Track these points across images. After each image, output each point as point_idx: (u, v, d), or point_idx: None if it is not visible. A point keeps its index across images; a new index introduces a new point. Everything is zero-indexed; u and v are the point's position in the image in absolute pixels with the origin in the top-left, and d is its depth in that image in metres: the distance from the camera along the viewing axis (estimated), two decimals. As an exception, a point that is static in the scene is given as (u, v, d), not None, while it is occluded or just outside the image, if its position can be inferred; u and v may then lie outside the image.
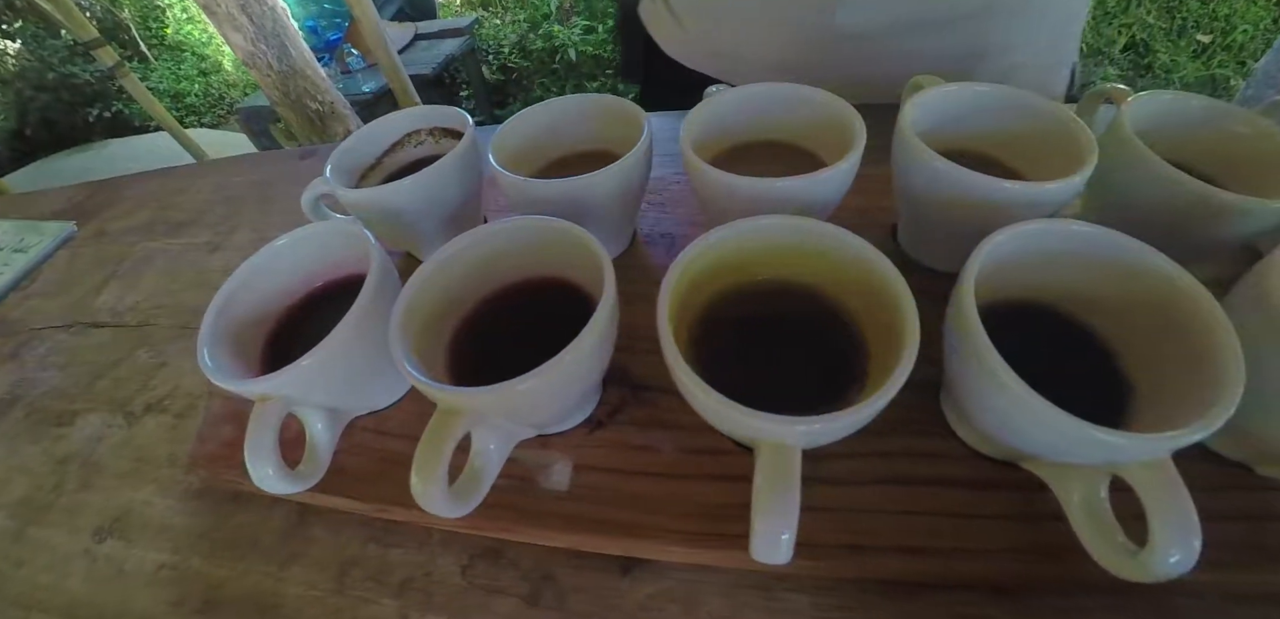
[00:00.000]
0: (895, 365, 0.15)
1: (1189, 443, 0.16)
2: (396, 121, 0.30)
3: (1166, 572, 0.15)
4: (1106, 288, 0.20)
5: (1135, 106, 0.24)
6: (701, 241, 0.18)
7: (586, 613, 0.21)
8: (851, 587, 0.20)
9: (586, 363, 0.17)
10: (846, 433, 0.16)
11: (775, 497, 0.14)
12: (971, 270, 0.17)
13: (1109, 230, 0.19)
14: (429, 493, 0.16)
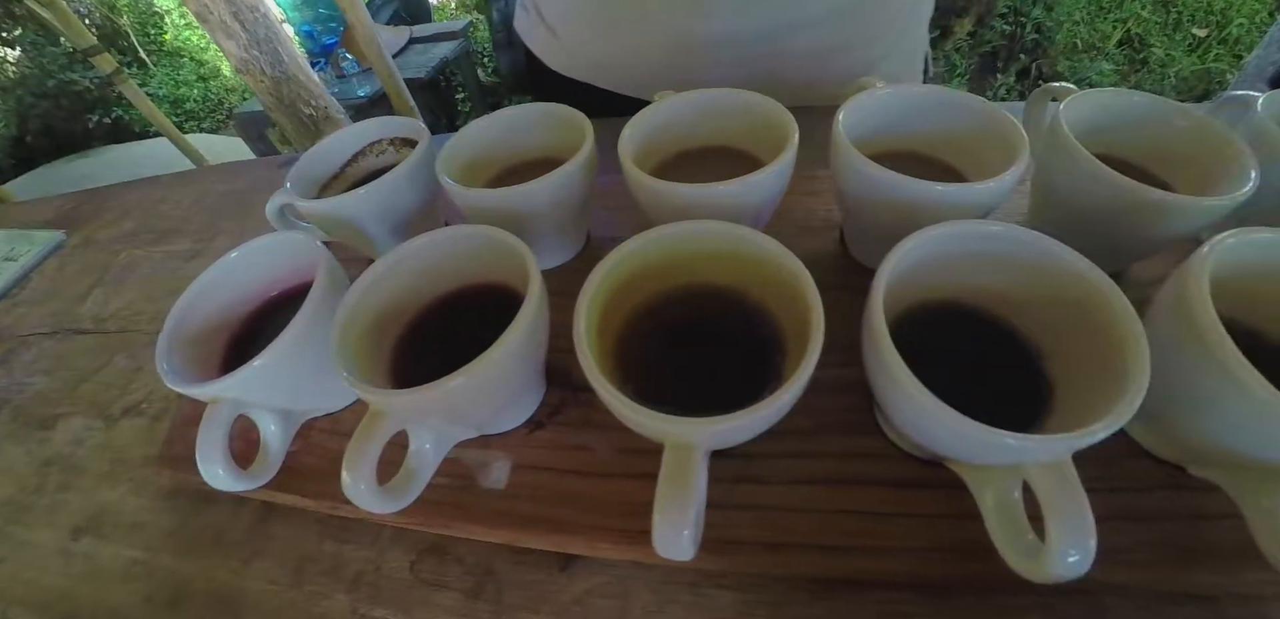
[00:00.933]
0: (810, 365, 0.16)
1: (1090, 444, 0.16)
2: (358, 132, 0.32)
3: (1063, 572, 0.16)
4: (1028, 287, 0.20)
5: (1072, 105, 0.25)
6: (621, 249, 0.19)
7: (522, 607, 0.22)
8: (779, 584, 0.21)
9: (511, 363, 0.18)
10: (752, 433, 0.17)
11: (674, 495, 0.15)
12: (882, 276, 0.18)
13: (1022, 228, 0.20)
14: (356, 488, 0.18)
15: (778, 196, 0.24)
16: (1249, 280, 0.21)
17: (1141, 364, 0.17)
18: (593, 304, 0.19)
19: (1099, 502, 0.21)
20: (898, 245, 0.18)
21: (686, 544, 0.15)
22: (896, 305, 0.21)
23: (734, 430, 0.16)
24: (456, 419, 0.21)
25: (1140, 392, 0.16)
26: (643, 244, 0.20)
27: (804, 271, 0.18)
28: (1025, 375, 0.20)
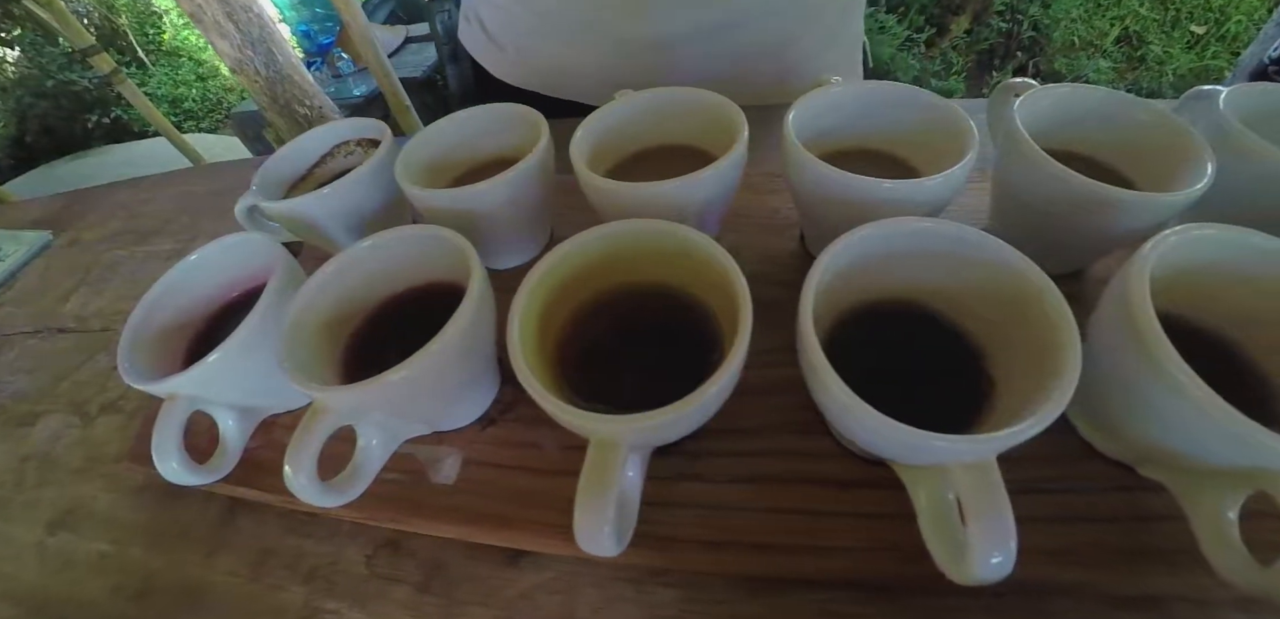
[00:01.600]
0: (734, 363, 0.17)
1: (1013, 445, 0.17)
2: (326, 134, 0.33)
3: (986, 574, 0.16)
4: (968, 285, 0.21)
5: (1028, 102, 0.26)
6: (559, 250, 0.20)
7: (471, 601, 0.23)
8: (721, 583, 0.22)
9: (450, 359, 0.19)
10: (681, 429, 0.18)
11: (594, 490, 0.16)
12: (812, 279, 0.19)
13: (955, 224, 0.20)
14: (297, 481, 0.18)
15: (727, 194, 0.25)
16: (1197, 277, 0.21)
17: (1072, 366, 0.17)
18: (529, 303, 0.19)
19: (1049, 502, 0.22)
20: (829, 247, 0.19)
21: (607, 540, 0.16)
22: (838, 305, 0.21)
23: (660, 427, 0.17)
24: (401, 414, 0.22)
25: (1066, 395, 0.17)
26: (581, 244, 0.21)
27: (735, 269, 0.18)
28: (966, 376, 0.21)
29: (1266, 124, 0.25)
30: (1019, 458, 0.22)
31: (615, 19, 0.40)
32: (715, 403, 0.17)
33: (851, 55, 0.49)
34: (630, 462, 0.19)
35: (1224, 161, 0.25)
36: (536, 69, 0.46)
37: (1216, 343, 0.22)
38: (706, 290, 0.21)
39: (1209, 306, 0.21)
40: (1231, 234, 0.20)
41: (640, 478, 0.19)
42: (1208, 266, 0.20)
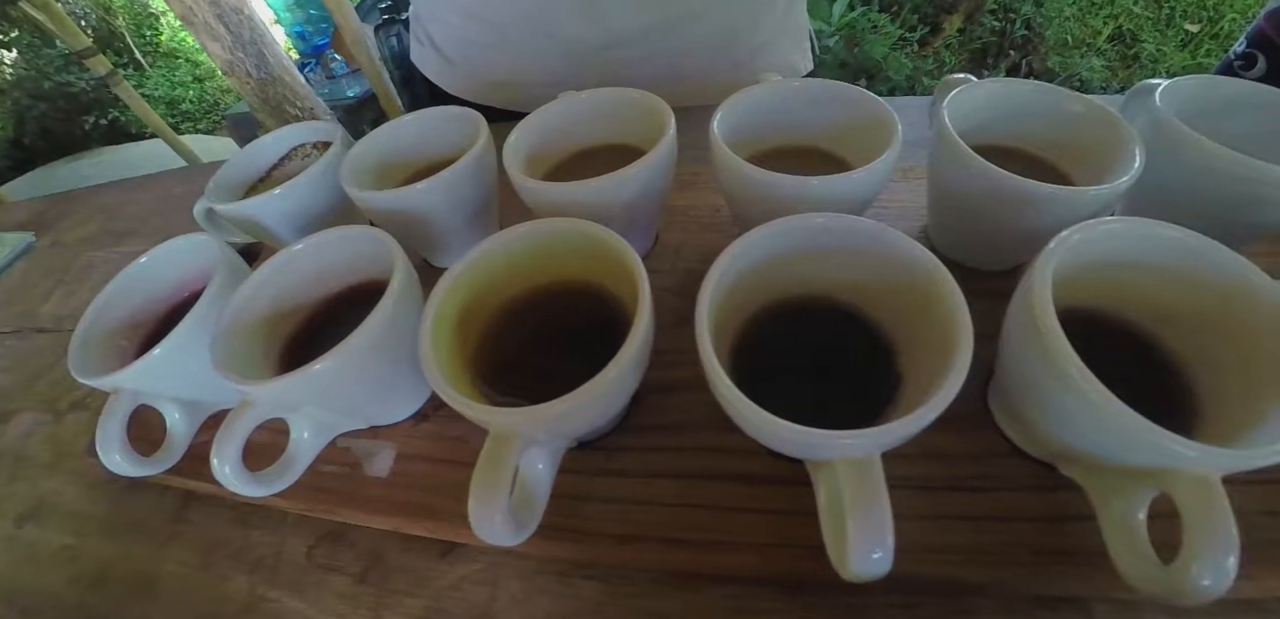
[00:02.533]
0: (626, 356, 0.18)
1: (895, 442, 0.17)
2: (283, 137, 0.35)
3: (864, 569, 0.17)
4: (876, 281, 0.22)
5: (958, 98, 0.26)
6: (475, 251, 0.22)
7: (402, 591, 0.24)
8: (641, 576, 0.23)
9: (370, 354, 0.21)
10: (579, 423, 0.19)
11: (485, 480, 0.17)
12: (709, 283, 0.19)
13: (859, 220, 0.21)
14: (223, 471, 0.20)
15: (656, 191, 0.26)
16: (1112, 271, 0.21)
17: (962, 361, 0.18)
18: (446, 303, 0.21)
19: (972, 501, 0.22)
20: (727, 250, 0.20)
21: (499, 528, 0.17)
22: (750, 303, 0.22)
23: (556, 419, 0.18)
24: (329, 407, 0.23)
25: (946, 397, 0.17)
26: (504, 243, 0.22)
27: (637, 262, 0.20)
28: (876, 371, 0.22)
29: (1204, 117, 0.26)
30: (944, 456, 0.23)
31: (565, 23, 0.42)
32: (612, 395, 0.18)
33: (800, 45, 0.50)
34: (537, 455, 0.20)
35: (1159, 154, 0.26)
36: (491, 82, 0.47)
37: (1135, 337, 0.22)
38: (617, 285, 0.22)
39: (1129, 300, 0.22)
40: (1136, 226, 0.20)
41: (550, 472, 0.20)
42: (1119, 260, 0.21)
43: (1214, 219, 0.25)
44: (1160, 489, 0.18)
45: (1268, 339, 0.19)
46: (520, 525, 0.18)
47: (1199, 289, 0.20)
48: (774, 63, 0.47)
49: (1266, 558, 0.20)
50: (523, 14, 0.42)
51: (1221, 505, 0.16)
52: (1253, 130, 0.27)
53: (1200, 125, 0.27)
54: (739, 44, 0.45)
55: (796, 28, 0.50)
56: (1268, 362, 0.18)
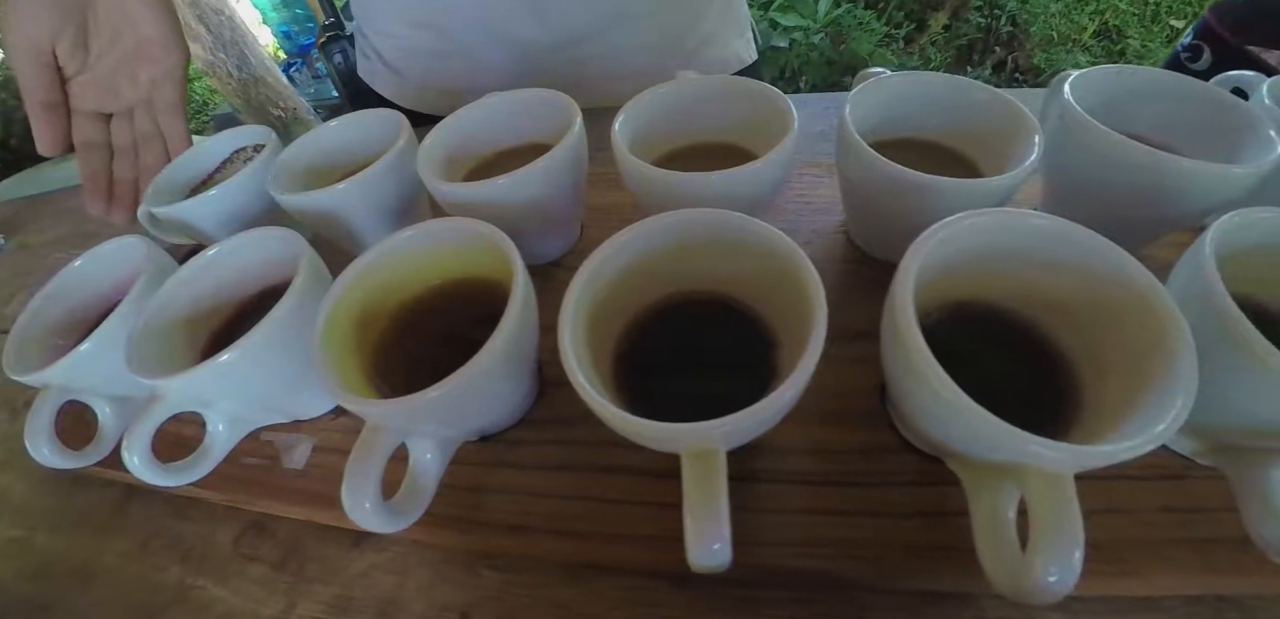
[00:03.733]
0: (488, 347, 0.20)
1: (739, 436, 0.18)
2: (226, 140, 0.37)
3: (700, 565, 0.17)
4: (759, 274, 0.22)
5: (864, 93, 0.27)
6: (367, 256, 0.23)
7: (316, 579, 0.26)
8: (542, 567, 0.24)
9: (268, 347, 0.22)
10: (447, 416, 0.21)
11: (355, 469, 0.18)
12: (574, 286, 0.20)
13: (723, 212, 0.22)
14: (132, 462, 0.22)
15: (566, 187, 0.28)
16: (989, 262, 0.22)
17: (813, 352, 0.19)
18: (343, 301, 0.23)
19: (861, 497, 0.23)
20: (590, 257, 0.21)
21: (369, 514, 0.19)
22: (632, 301, 0.24)
23: (428, 410, 0.19)
24: (239, 400, 0.25)
25: (802, 380, 0.18)
26: (402, 242, 0.24)
27: (514, 256, 0.21)
28: (757, 363, 0.23)
29: (1115, 107, 0.27)
30: (833, 451, 0.24)
31: (513, 25, 0.43)
32: (482, 388, 0.20)
33: (743, 35, 0.51)
34: (424, 446, 0.22)
35: (1067, 146, 0.27)
36: (443, 90, 0.49)
37: (1025, 330, 0.23)
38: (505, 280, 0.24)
39: (1019, 293, 0.23)
40: (1002, 218, 0.21)
41: (438, 463, 0.22)
42: (995, 252, 0.22)
43: (1121, 210, 0.26)
44: (1017, 486, 0.18)
45: (1137, 330, 0.19)
46: (399, 513, 0.20)
47: (1079, 280, 0.21)
48: (719, 55, 0.49)
49: (1160, 555, 0.21)
50: (471, 19, 0.44)
51: (1068, 500, 0.16)
52: (1162, 120, 0.28)
53: (1110, 115, 0.28)
54: (685, 38, 0.47)
55: (739, 19, 0.51)
56: (1140, 354, 0.19)
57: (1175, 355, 0.18)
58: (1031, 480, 0.17)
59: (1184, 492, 0.22)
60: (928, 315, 0.23)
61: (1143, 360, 0.19)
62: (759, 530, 0.22)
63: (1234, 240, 0.20)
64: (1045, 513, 0.17)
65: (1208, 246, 0.20)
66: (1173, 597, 0.22)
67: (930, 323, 0.23)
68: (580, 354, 0.18)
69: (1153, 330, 0.19)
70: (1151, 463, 0.23)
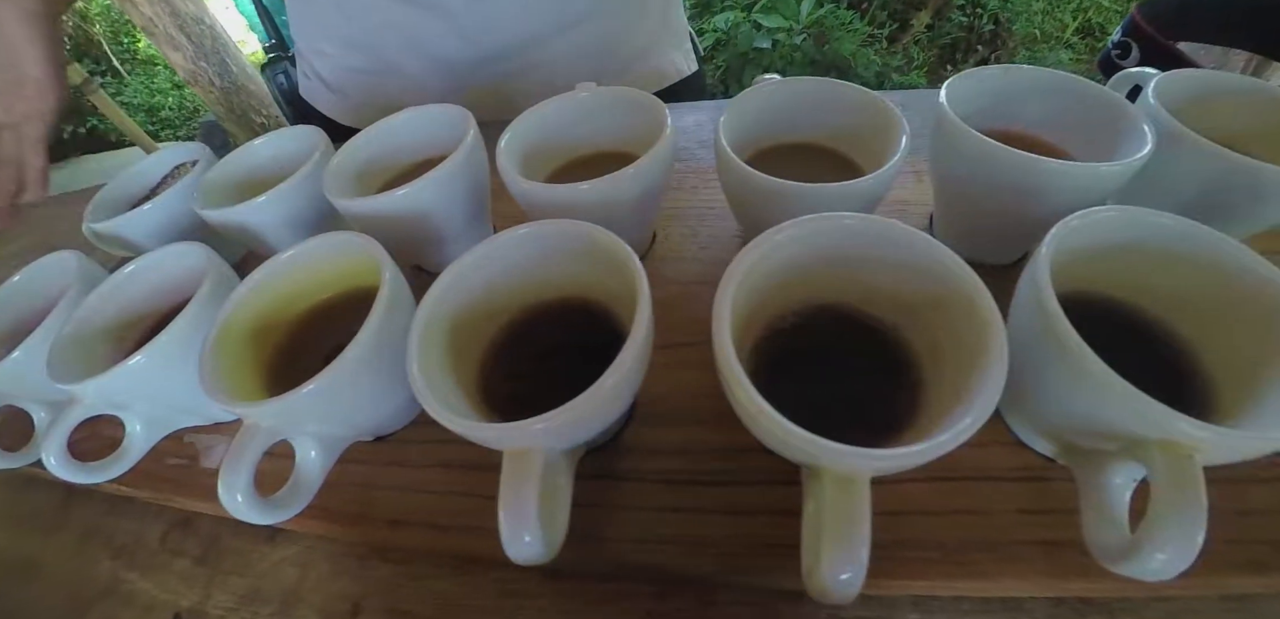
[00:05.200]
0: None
1: (567, 440, 0.21)
2: (166, 156, 0.41)
3: (514, 556, 0.19)
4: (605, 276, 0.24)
5: (737, 102, 0.30)
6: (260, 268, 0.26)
7: (231, 571, 0.29)
8: (428, 558, 0.27)
9: (168, 354, 0.25)
10: (310, 416, 0.23)
11: (229, 465, 0.21)
12: (433, 291, 0.23)
13: (566, 221, 0.23)
14: (49, 461, 0.25)
15: (454, 199, 0.30)
16: (839, 264, 0.24)
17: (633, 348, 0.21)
18: (235, 315, 0.25)
19: (710, 494, 0.25)
20: (447, 270, 0.23)
21: (245, 507, 0.21)
22: (508, 305, 0.26)
23: (288, 409, 0.22)
24: (155, 403, 0.28)
25: (619, 371, 0.20)
26: (297, 256, 0.27)
27: (383, 264, 0.24)
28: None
29: (1001, 105, 0.29)
30: (696, 451, 0.26)
31: (438, 44, 0.46)
32: (335, 396, 0.22)
33: (681, 46, 0.54)
34: (308, 444, 0.24)
35: (941, 146, 0.29)
36: (378, 107, 0.51)
37: (866, 327, 0.25)
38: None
39: (863, 292, 0.25)
40: (821, 223, 0.22)
41: (322, 462, 0.25)
42: (841, 254, 0.24)
43: (998, 210, 0.28)
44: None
45: (966, 328, 0.20)
46: (279, 506, 0.23)
47: (920, 280, 0.22)
48: (655, 66, 0.51)
49: (1010, 556, 0.23)
50: (398, 39, 0.47)
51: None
52: (1051, 118, 0.30)
53: (998, 115, 0.30)
54: (618, 51, 0.49)
55: (676, 31, 0.53)
56: (971, 350, 0.20)
57: (990, 355, 0.19)
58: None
59: (1043, 493, 0.24)
60: (784, 318, 0.25)
61: (973, 356, 0.20)
62: (621, 527, 0.25)
63: (1078, 240, 0.22)
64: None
65: (1045, 246, 0.21)
66: (1036, 599, 0.23)
67: (786, 325, 0.25)
68: (431, 361, 0.21)
69: (977, 329, 0.20)
70: (1015, 465, 0.25)
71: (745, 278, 0.21)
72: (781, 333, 0.24)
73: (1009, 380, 0.18)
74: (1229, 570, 0.22)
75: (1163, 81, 0.29)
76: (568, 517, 0.21)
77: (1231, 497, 0.23)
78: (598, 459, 0.26)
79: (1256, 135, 0.29)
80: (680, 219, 0.35)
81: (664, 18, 0.52)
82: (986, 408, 0.18)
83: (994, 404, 0.18)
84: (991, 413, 0.18)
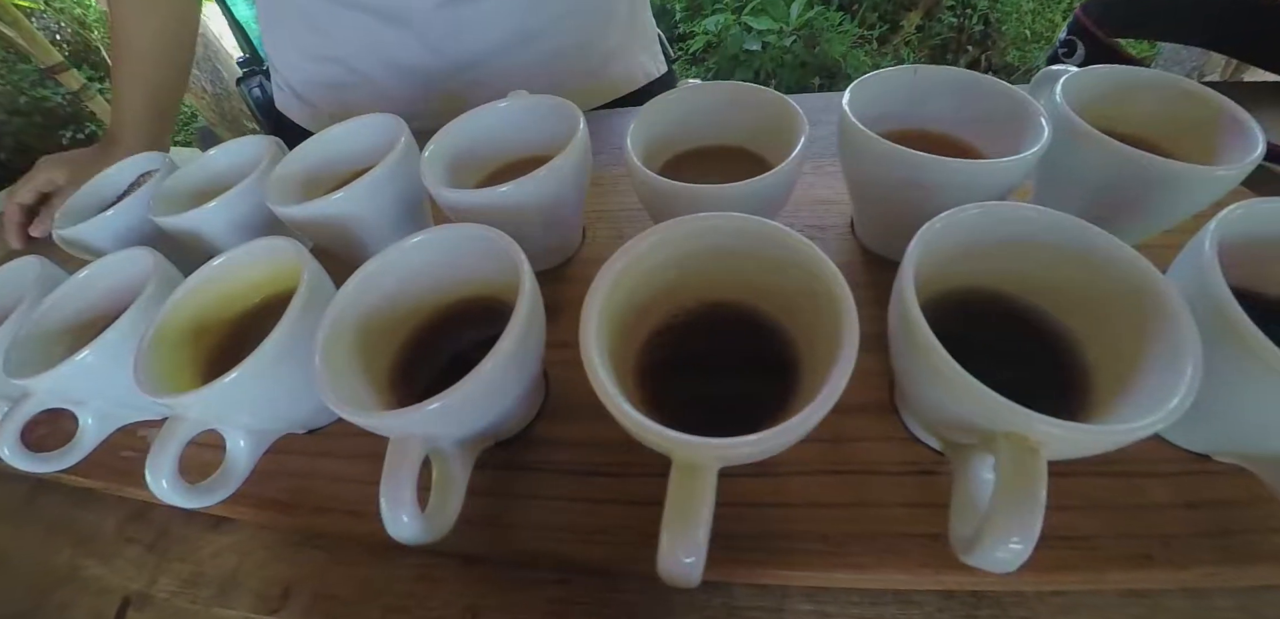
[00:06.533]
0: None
1: (442, 426, 0.23)
2: (134, 165, 0.44)
3: (394, 536, 0.21)
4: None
5: (648, 109, 0.32)
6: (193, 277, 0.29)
7: (177, 558, 0.32)
8: (353, 544, 0.30)
9: (111, 357, 0.28)
10: (230, 407, 0.26)
11: (155, 452, 0.24)
12: (348, 287, 0.26)
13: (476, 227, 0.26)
14: (2, 451, 0.28)
15: (390, 200, 0.33)
16: (727, 258, 0.26)
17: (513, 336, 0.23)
18: (169, 318, 0.28)
19: (611, 486, 0.27)
20: (356, 273, 0.26)
21: (167, 492, 0.24)
22: (419, 307, 0.29)
23: (207, 401, 0.24)
24: (107, 399, 0.31)
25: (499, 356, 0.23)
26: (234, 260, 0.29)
27: (304, 265, 0.27)
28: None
29: (900, 104, 0.31)
30: (602, 445, 0.28)
31: (404, 54, 0.49)
32: (243, 390, 0.25)
33: (650, 49, 0.56)
34: (236, 435, 0.27)
35: (844, 148, 0.31)
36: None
37: (756, 321, 0.27)
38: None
39: (748, 288, 0.26)
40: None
41: (250, 452, 0.27)
42: (727, 250, 0.26)
43: (900, 208, 0.30)
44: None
45: (829, 319, 0.21)
46: (204, 492, 0.26)
47: (789, 275, 0.23)
48: (624, 70, 0.53)
49: (892, 549, 0.24)
50: (365, 51, 0.49)
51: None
52: (960, 115, 0.32)
53: (907, 114, 0.31)
54: (587, 55, 0.51)
55: (645, 33, 0.55)
56: (830, 340, 0.21)
57: (843, 345, 0.20)
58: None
59: (929, 488, 0.25)
60: (675, 316, 0.27)
61: (833, 347, 0.21)
62: (527, 516, 0.27)
63: (948, 239, 0.24)
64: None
65: (912, 246, 0.23)
66: (925, 591, 0.25)
67: (676, 322, 0.27)
68: (337, 356, 0.24)
69: (834, 315, 0.22)
70: (906, 459, 0.26)
71: (614, 285, 0.22)
72: (669, 331, 0.26)
73: (898, 378, 0.20)
74: (1118, 564, 0.23)
75: (1074, 78, 0.31)
76: (460, 504, 0.23)
77: (1129, 492, 0.25)
78: (508, 451, 0.29)
79: (1174, 131, 0.31)
80: (610, 220, 0.37)
81: (631, 22, 0.53)
82: (831, 398, 0.20)
83: (837, 393, 0.20)
84: (835, 401, 0.20)
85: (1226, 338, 0.20)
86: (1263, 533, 0.24)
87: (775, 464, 0.26)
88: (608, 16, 0.52)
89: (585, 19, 0.50)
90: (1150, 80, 0.31)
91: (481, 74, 0.50)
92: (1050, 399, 0.23)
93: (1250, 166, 0.27)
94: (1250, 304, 0.20)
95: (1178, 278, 0.23)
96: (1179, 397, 0.18)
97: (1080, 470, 0.25)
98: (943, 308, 0.25)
